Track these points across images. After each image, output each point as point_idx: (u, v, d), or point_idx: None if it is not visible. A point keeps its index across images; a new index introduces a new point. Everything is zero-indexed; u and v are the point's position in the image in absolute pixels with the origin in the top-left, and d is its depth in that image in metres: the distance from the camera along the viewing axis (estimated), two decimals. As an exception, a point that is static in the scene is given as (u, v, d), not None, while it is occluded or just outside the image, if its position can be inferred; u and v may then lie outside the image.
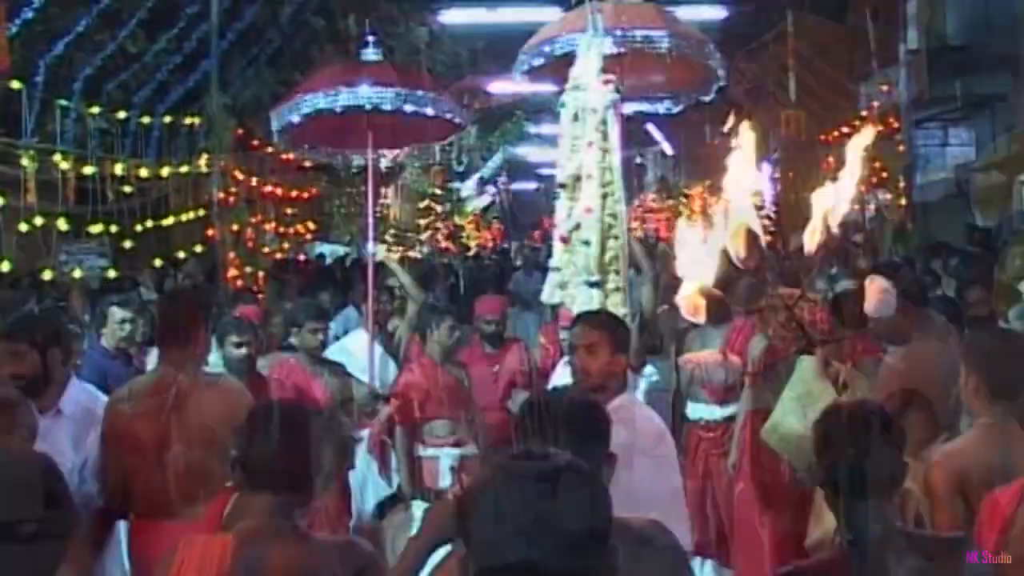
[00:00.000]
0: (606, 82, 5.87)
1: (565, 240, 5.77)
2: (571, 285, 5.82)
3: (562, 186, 5.81)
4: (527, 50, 7.19)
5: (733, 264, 3.90)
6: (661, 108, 8.21)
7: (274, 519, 3.07)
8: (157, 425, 4.79)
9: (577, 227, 5.73)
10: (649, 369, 6.93)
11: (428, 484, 6.72)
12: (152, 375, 5.26)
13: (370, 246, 7.83)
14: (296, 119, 7.45)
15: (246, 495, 3.16)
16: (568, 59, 6.96)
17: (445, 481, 6.64)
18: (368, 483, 7.50)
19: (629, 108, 7.81)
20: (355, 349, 7.70)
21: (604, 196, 5.69)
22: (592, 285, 5.58)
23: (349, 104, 7.27)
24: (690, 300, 3.87)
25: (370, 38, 7.91)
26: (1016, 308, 6.84)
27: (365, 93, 7.21)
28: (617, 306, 5.54)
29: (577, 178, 5.76)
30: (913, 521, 3.62)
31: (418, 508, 6.39)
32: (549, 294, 6.26)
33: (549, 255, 6.85)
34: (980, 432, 3.90)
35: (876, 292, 4.25)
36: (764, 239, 3.90)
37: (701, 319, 4.07)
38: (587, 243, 5.56)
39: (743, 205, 3.80)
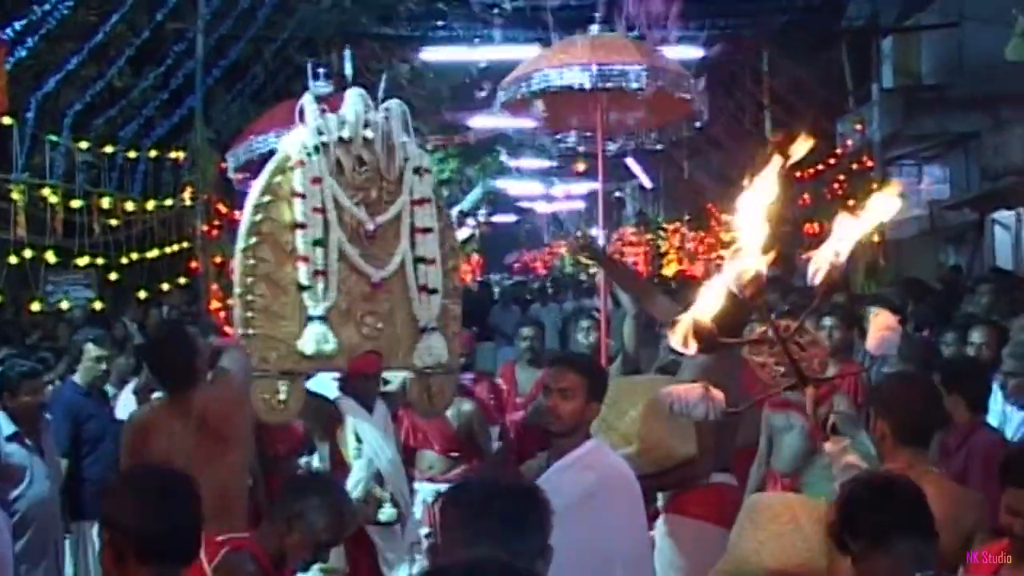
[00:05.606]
0: (435, 148, 6.14)
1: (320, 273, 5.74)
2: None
3: (318, 243, 5.76)
4: (506, 85, 7.25)
5: (734, 294, 3.64)
6: (644, 144, 8.22)
7: None
8: (181, 444, 4.90)
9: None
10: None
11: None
12: (167, 401, 5.30)
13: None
14: (250, 158, 7.39)
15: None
16: (547, 94, 7.13)
17: (416, 515, 6.60)
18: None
19: (612, 146, 7.88)
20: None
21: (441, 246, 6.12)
22: (431, 330, 6.00)
23: None
24: (680, 330, 3.64)
25: (320, 71, 7.84)
26: (1008, 346, 6.70)
27: None
28: (444, 351, 6.04)
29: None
30: None
31: None
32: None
33: (529, 288, 6.58)
34: None
35: (881, 327, 3.83)
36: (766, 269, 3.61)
37: (691, 350, 3.72)
38: (435, 291, 5.98)
39: (752, 236, 3.62)
